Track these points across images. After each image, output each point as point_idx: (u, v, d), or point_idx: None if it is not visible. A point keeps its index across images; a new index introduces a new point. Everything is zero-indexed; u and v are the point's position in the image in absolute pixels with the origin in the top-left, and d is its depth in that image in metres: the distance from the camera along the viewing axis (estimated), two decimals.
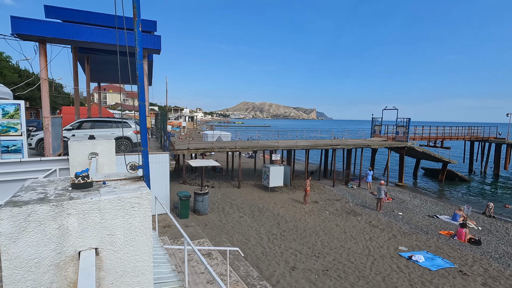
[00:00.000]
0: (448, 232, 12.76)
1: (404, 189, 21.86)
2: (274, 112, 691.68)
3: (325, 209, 14.90)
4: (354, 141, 24.00)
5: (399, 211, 15.66)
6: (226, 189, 17.69)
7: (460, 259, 9.93)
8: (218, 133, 30.46)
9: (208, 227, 11.14)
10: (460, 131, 30.79)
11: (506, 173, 30.23)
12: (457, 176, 26.42)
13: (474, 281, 8.37)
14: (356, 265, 8.82)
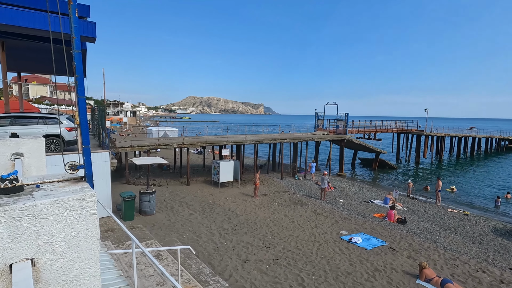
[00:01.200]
0: (381, 214, 14.36)
1: (344, 178, 23.84)
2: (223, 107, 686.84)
3: (274, 201, 15.46)
4: (300, 135, 25.26)
5: (340, 198, 17.06)
6: (175, 187, 17.10)
7: (391, 237, 11.30)
8: (164, 129, 29.12)
9: (156, 228, 10.67)
10: (389, 124, 34.62)
11: (425, 160, 35.11)
12: (387, 164, 29.74)
13: (401, 255, 9.62)
14: (303, 252, 9.39)
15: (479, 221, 14.40)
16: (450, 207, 16.83)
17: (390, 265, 8.80)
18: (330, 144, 25.16)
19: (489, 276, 8.58)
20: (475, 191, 21.67)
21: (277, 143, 23.91)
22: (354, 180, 24.25)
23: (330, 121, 28.74)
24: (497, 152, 45.56)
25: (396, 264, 8.91)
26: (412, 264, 8.98)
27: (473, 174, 28.39)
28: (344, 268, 8.42)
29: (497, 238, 12.25)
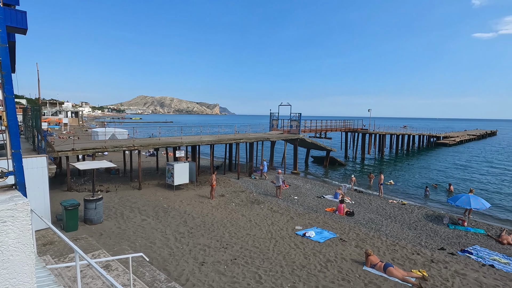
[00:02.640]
0: (332, 208, 15.28)
1: (298, 176, 24.81)
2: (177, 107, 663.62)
3: (231, 201, 15.46)
4: (255, 135, 25.62)
5: (295, 195, 17.72)
6: (125, 192, 16.07)
7: (341, 229, 12.10)
8: (112, 131, 27.15)
9: (105, 237, 9.92)
10: (338, 124, 36.95)
11: (369, 156, 38.21)
12: (336, 161, 31.71)
13: (350, 245, 10.37)
14: (261, 249, 9.56)
15: (414, 209, 16.18)
16: (390, 199, 18.58)
17: (340, 255, 9.43)
18: (284, 143, 25.98)
19: (422, 257, 9.70)
20: (411, 183, 24.28)
21: (233, 143, 23.92)
22: (308, 177, 25.40)
23: (284, 121, 29.67)
24: (427, 147, 51.60)
25: (346, 254, 9.58)
26: (359, 252, 9.73)
27: (408, 167, 31.76)
28: (299, 262, 8.78)
29: (428, 223, 13.90)
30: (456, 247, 11.09)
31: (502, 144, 61.77)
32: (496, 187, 23.46)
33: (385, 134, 41.42)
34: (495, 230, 13.25)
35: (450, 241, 11.88)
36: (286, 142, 26.08)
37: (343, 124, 37.77)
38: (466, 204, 13.75)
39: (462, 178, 26.80)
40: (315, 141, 29.10)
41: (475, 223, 14.41)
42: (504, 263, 9.78)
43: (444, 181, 24.95)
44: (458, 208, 15.22)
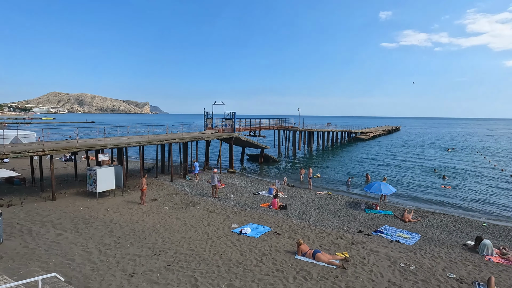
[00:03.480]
0: (266, 204, 15.86)
1: (234, 174, 25.04)
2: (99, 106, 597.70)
3: (165, 205, 14.70)
4: (189, 134, 24.87)
5: (231, 194, 17.83)
6: (34, 204, 13.79)
7: (275, 223, 12.65)
8: (14, 133, 22.93)
9: (6, 260, 8.33)
10: (271, 122, 38.51)
11: (299, 153, 40.90)
12: (270, 158, 33.03)
13: (283, 237, 10.93)
14: (196, 252, 9.33)
15: (338, 198, 17.96)
16: (319, 190, 20.25)
17: (274, 248, 9.86)
18: (219, 142, 25.88)
19: (345, 240, 10.85)
20: (335, 175, 26.90)
21: (165, 144, 22.76)
22: (243, 175, 25.85)
23: (218, 120, 29.52)
24: (348, 142, 57.88)
25: (280, 246, 10.06)
26: (292, 243, 10.33)
27: (333, 161, 35.12)
28: (236, 259, 8.87)
29: (349, 210, 15.61)
30: (371, 229, 12.72)
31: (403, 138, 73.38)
32: (401, 175, 27.72)
33: (313, 131, 44.90)
34: (400, 211, 15.65)
35: (366, 223, 13.57)
36: (221, 141, 26.03)
37: (275, 123, 39.54)
38: (378, 190, 15.88)
39: (377, 167, 30.89)
40: (250, 139, 29.78)
41: (385, 206, 16.77)
42: (406, 238, 11.64)
43: (362, 171, 28.35)
44: (372, 194, 17.47)
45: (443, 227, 13.59)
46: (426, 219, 14.60)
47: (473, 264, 9.25)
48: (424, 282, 7.79)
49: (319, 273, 8.09)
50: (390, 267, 8.63)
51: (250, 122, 33.80)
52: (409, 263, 8.98)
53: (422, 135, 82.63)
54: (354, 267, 8.51)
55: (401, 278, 7.96)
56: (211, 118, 30.05)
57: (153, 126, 28.62)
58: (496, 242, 11.64)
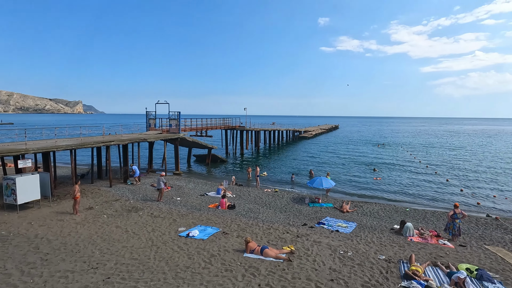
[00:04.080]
0: (214, 204, 15.70)
1: (181, 176, 24.21)
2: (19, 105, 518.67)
3: (103, 213, 13.49)
4: (130, 135, 23.23)
5: (178, 196, 17.21)
6: None
7: (223, 223, 12.60)
8: None
9: None
10: (217, 122, 38.20)
11: (247, 152, 41.43)
12: (218, 158, 32.78)
13: (232, 236, 10.96)
14: (140, 260, 8.78)
15: (284, 194, 18.71)
16: (266, 188, 20.80)
17: (223, 248, 9.82)
18: (164, 143, 24.73)
19: (291, 234, 11.36)
20: (281, 172, 27.94)
21: (101, 147, 20.86)
22: (190, 176, 25.16)
23: (162, 120, 28.19)
24: (293, 141, 60.63)
25: (228, 246, 10.06)
26: (240, 242, 10.42)
27: (279, 159, 36.43)
28: (183, 264, 8.59)
29: (295, 205, 16.39)
30: (314, 221, 13.56)
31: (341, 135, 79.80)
32: (340, 169, 30.08)
33: (259, 130, 45.88)
34: (339, 203, 16.99)
35: (310, 217, 14.41)
36: (166, 142, 24.91)
37: (222, 122, 39.36)
38: (320, 185, 16.98)
39: (319, 163, 32.97)
40: (196, 139, 29.11)
41: (327, 199, 18.03)
42: (345, 227, 12.70)
43: (307, 167, 29.98)
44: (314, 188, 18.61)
45: (375, 215, 15.19)
46: (361, 209, 16.14)
47: (398, 245, 10.53)
48: (359, 266, 8.59)
49: (267, 268, 8.33)
50: (331, 255, 9.31)
51: (197, 122, 33.05)
52: (347, 249, 9.82)
53: (356, 133, 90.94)
54: (299, 259, 8.97)
55: (341, 264, 8.66)
56: (154, 118, 28.56)
57: (87, 127, 25.99)
58: (416, 224, 13.45)
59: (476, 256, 9.76)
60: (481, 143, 59.08)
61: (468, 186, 22.80)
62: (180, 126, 26.44)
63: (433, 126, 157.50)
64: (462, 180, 25.14)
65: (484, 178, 25.79)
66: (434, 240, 11.30)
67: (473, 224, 13.93)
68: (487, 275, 7.86)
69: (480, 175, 27.04)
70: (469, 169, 29.96)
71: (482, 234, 12.51)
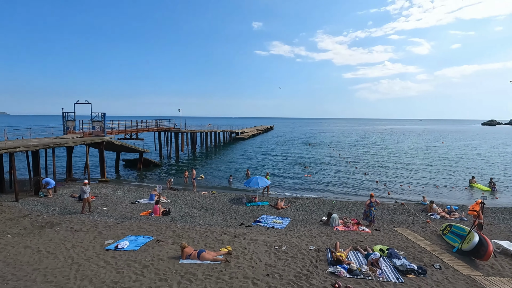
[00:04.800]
0: (147, 211, 14.75)
1: (108, 184, 22.05)
2: None
3: (5, 233, 11.38)
4: (42, 140, 20.14)
5: (104, 206, 15.63)
6: None
7: (157, 230, 11.92)
8: None
9: None
10: (150, 124, 35.98)
11: (183, 154, 40.04)
12: (151, 162, 30.89)
13: (167, 244, 10.44)
14: (56, 283, 7.68)
15: (221, 196, 18.68)
16: (203, 191, 20.43)
17: (157, 257, 9.29)
18: (86, 148, 22.16)
19: (228, 235, 11.40)
20: (219, 174, 27.82)
21: (3, 154, 17.59)
22: (119, 183, 23.12)
23: (83, 122, 25.22)
24: (230, 142, 60.97)
25: (163, 254, 9.56)
26: (176, 248, 10.01)
27: (217, 160, 36.20)
28: (111, 279, 7.83)
29: (232, 206, 16.51)
30: (251, 220, 13.90)
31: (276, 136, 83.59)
32: (275, 167, 31.44)
33: (195, 132, 44.83)
34: (274, 200, 17.76)
35: (247, 216, 14.71)
36: (89, 147, 22.36)
37: (155, 124, 37.24)
38: (256, 184, 17.49)
39: (256, 163, 33.85)
40: (125, 143, 26.89)
41: (263, 197, 18.65)
42: (279, 223, 13.34)
43: (244, 168, 30.46)
44: (252, 188, 19.07)
45: (306, 209, 16.35)
46: (294, 204, 17.18)
47: (326, 235, 11.55)
48: (293, 258, 9.14)
49: (204, 272, 8.19)
50: (267, 251, 9.68)
51: (125, 124, 30.50)
52: (282, 244, 10.34)
53: (289, 133, 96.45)
54: (237, 258, 9.08)
55: (276, 259, 9.07)
56: (73, 120, 25.38)
57: None
58: (340, 214, 14.95)
59: (387, 238, 11.36)
60: (390, 141, 68.93)
61: (381, 178, 26.35)
62: (105, 128, 24.06)
63: (354, 126, 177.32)
64: (376, 173, 28.92)
65: (393, 171, 30.17)
66: (355, 227, 12.73)
67: (385, 210, 16.17)
68: (395, 253, 9.22)
69: (390, 169, 31.55)
70: (382, 164, 34.67)
71: (392, 218, 14.62)
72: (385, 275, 7.94)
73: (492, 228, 13.16)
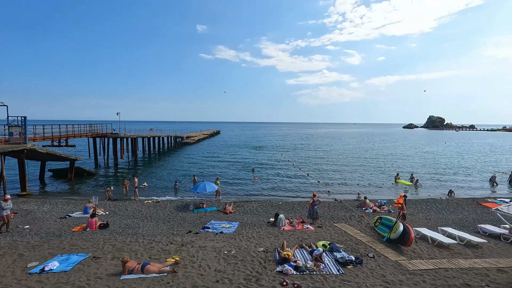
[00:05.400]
0: (81, 226, 13.29)
1: (30, 198, 19.30)
2: None
3: None
4: None
5: (26, 224, 13.61)
6: None
7: (93, 246, 10.80)
8: None
9: None
10: (83, 129, 32.57)
11: (122, 161, 37.16)
12: (85, 171, 27.97)
13: (105, 260, 9.53)
14: None
15: (167, 204, 17.84)
16: (146, 200, 19.24)
17: (94, 275, 8.42)
18: (1, 158, 19.02)
19: (175, 244, 10.93)
20: (163, 181, 26.51)
21: None
22: (45, 196, 20.38)
23: None
24: (175, 147, 58.68)
25: (101, 271, 8.70)
26: (116, 264, 9.21)
27: (161, 167, 34.46)
28: None
29: (179, 213, 15.90)
30: (199, 227, 13.57)
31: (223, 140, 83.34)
32: (223, 172, 31.25)
33: (136, 137, 42.06)
34: (222, 205, 17.65)
35: (195, 223, 14.32)
36: (4, 156, 19.24)
37: (90, 129, 33.87)
38: (203, 190, 17.15)
39: (203, 169, 33.15)
40: (53, 150, 23.86)
41: (211, 203, 18.37)
42: (228, 227, 13.30)
43: (190, 174, 29.56)
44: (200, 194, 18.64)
45: (254, 212, 16.62)
46: (243, 208, 17.31)
47: (274, 236, 11.90)
48: (242, 261, 9.20)
49: (149, 286, 7.71)
50: (216, 257, 9.55)
51: (52, 129, 27.06)
52: (231, 248, 10.32)
53: (236, 137, 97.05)
54: (185, 268, 8.76)
55: (225, 264, 9.01)
56: None
57: None
58: (287, 214, 15.56)
59: (329, 233, 12.22)
60: (329, 144, 74.43)
61: (322, 178, 28.25)
62: (26, 134, 21.01)
63: (297, 130, 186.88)
64: (318, 173, 30.91)
65: (332, 171, 32.62)
66: (300, 226, 13.40)
67: (326, 208, 17.36)
68: (336, 247, 9.97)
69: (330, 169, 34.04)
70: (323, 165, 37.20)
71: (332, 215, 15.78)
72: (327, 268, 8.52)
73: (413, 217, 15.17)
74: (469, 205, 18.23)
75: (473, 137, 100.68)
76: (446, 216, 15.73)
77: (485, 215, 15.64)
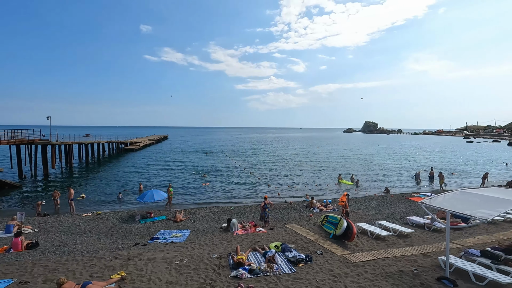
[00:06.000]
0: (3, 248, 11.47)
1: None
2: None
3: None
4: None
5: None
6: None
7: (20, 270, 9.39)
8: None
9: None
10: (3, 135, 28.24)
11: (54, 171, 33.11)
12: (6, 184, 24.28)
13: (35, 284, 8.37)
14: None
15: (109, 216, 16.44)
16: (84, 213, 17.44)
17: None
18: None
19: (120, 259, 10.10)
20: (105, 191, 24.35)
21: None
22: None
23: None
24: (117, 154, 54.41)
25: None
26: (50, 287, 8.16)
27: (101, 176, 31.58)
28: None
29: (124, 225, 14.77)
30: (147, 238, 12.79)
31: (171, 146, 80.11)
32: (171, 179, 29.97)
33: (71, 144, 37.99)
34: (172, 213, 16.92)
35: (142, 234, 13.45)
36: None
37: (12, 135, 29.47)
38: (151, 198, 16.24)
39: (150, 176, 31.30)
40: None
41: (159, 212, 17.47)
42: (179, 236, 12.80)
43: (136, 182, 27.68)
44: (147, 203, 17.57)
45: (206, 218, 16.30)
46: (194, 215, 16.84)
47: (227, 241, 11.82)
48: (195, 270, 8.93)
49: None
50: (167, 268, 9.11)
51: None
52: (183, 258, 9.95)
53: (185, 143, 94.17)
54: (133, 283, 8.17)
55: (177, 274, 8.65)
56: None
57: None
58: (239, 219, 15.62)
59: (280, 235, 12.60)
60: (277, 148, 76.97)
61: (272, 181, 29.04)
62: None
63: (247, 134, 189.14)
64: (268, 177, 31.70)
65: (281, 174, 33.78)
66: (253, 229, 13.56)
67: (277, 210, 17.89)
68: (287, 247, 10.34)
69: (279, 173, 35.19)
70: (272, 168, 38.27)
71: (283, 216, 16.32)
72: (280, 268, 8.79)
73: (354, 214, 16.53)
74: (400, 200, 20.61)
75: (401, 140, 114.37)
76: (382, 211, 17.52)
77: (412, 208, 17.84)
